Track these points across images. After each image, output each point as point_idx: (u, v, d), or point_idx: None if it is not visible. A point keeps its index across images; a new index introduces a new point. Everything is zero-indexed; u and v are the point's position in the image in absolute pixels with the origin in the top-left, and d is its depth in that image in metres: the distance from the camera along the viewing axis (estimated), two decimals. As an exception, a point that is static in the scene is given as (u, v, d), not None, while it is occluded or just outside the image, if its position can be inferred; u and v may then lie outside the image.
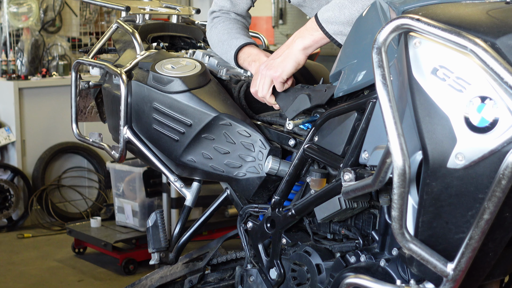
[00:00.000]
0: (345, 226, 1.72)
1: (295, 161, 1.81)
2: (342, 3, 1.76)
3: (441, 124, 1.25)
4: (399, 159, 1.22)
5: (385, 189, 1.53)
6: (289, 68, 1.84)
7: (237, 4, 2.22)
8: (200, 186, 2.10)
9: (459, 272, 1.26)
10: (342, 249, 1.70)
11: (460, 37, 1.19)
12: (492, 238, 1.30)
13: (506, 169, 1.17)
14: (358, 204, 1.62)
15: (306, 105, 1.82)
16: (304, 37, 1.83)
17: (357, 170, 1.52)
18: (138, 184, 4.19)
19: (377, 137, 1.50)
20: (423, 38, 1.29)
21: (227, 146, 1.95)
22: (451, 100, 1.24)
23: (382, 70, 1.27)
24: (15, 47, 5.43)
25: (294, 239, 1.85)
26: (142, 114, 2.07)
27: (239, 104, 2.05)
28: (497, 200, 1.18)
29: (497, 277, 1.50)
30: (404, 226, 1.28)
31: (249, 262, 1.97)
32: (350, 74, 1.62)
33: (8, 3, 5.33)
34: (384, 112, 1.25)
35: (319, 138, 1.73)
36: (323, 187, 1.71)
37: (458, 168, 1.24)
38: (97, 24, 6.04)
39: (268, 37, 3.53)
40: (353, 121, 1.61)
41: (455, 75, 1.25)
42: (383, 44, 1.27)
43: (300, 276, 1.81)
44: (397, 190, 1.24)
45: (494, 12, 1.30)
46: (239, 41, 2.09)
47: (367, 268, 1.55)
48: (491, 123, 1.21)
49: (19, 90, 5.03)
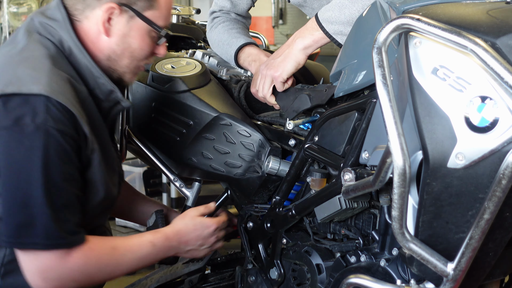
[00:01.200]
0: (345, 226, 1.72)
1: (295, 161, 1.81)
2: (342, 3, 1.76)
3: (442, 124, 1.25)
4: (399, 159, 1.22)
5: (385, 189, 1.53)
6: (289, 68, 1.85)
7: (237, 4, 2.23)
8: (200, 186, 2.10)
9: (459, 272, 1.26)
10: (342, 249, 1.70)
11: (460, 37, 1.19)
12: (492, 238, 1.30)
13: (507, 169, 1.17)
14: (358, 204, 1.62)
15: (306, 105, 1.82)
16: (304, 37, 1.83)
17: (357, 170, 1.52)
18: (138, 184, 4.19)
19: (377, 137, 1.50)
20: (423, 38, 1.29)
21: (227, 146, 1.95)
22: (452, 100, 1.24)
23: (382, 70, 1.27)
24: (15, 47, 5.43)
25: (294, 239, 1.85)
26: (142, 114, 2.07)
27: (239, 104, 2.05)
28: (497, 200, 1.18)
29: (497, 277, 1.50)
30: (404, 226, 1.28)
31: (249, 262, 1.97)
32: (350, 74, 1.62)
33: (8, 3, 5.33)
34: (384, 112, 1.25)
35: (319, 138, 1.73)
36: (323, 187, 1.71)
37: (459, 168, 1.24)
38: (97, 24, 6.04)
39: (268, 37, 3.53)
40: (353, 121, 1.61)
41: (456, 75, 1.25)
42: (383, 44, 1.27)
43: (300, 276, 1.81)
44: (397, 190, 1.24)
45: (495, 12, 1.30)
46: (239, 41, 2.09)
47: (367, 268, 1.55)
48: (491, 123, 1.21)
49: (19, 90, 5.03)
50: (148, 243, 1.73)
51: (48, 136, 1.44)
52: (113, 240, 1.71)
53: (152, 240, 1.74)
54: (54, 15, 1.63)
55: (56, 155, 1.45)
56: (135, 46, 1.67)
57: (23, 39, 1.60)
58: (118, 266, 1.65)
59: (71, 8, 1.64)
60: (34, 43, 1.58)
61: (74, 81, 1.56)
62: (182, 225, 1.83)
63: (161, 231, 1.80)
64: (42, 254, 1.48)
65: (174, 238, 1.79)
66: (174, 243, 1.79)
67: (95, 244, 1.59)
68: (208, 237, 1.87)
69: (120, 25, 1.64)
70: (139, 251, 1.70)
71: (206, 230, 1.86)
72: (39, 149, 1.43)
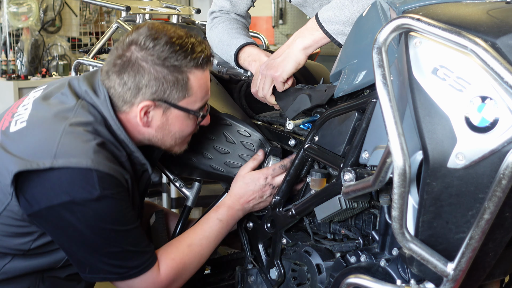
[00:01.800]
0: (345, 226, 1.72)
1: (296, 161, 1.81)
2: (342, 3, 1.76)
3: (442, 124, 1.25)
4: (399, 159, 1.22)
5: (385, 189, 1.52)
6: (289, 68, 1.84)
7: (237, 5, 2.22)
8: (200, 186, 2.10)
9: (460, 272, 1.26)
10: (342, 249, 1.70)
11: (460, 37, 1.19)
12: (493, 238, 1.30)
13: (507, 169, 1.16)
14: (358, 204, 1.62)
15: (306, 105, 1.82)
16: (304, 36, 1.83)
17: (357, 170, 1.52)
18: (138, 184, 4.18)
19: (377, 137, 1.50)
20: (423, 38, 1.29)
21: (227, 146, 1.95)
22: (452, 100, 1.24)
23: (382, 70, 1.27)
24: (15, 47, 5.43)
25: (294, 239, 1.85)
26: (142, 114, 2.07)
27: (239, 104, 2.05)
28: (498, 200, 1.18)
29: (497, 277, 1.50)
30: (405, 226, 1.28)
31: (249, 262, 1.97)
32: (351, 74, 1.62)
33: (8, 3, 5.33)
34: (384, 111, 1.25)
35: (319, 138, 1.73)
36: (323, 187, 1.71)
37: (459, 168, 1.24)
38: (97, 24, 6.04)
39: (268, 37, 3.53)
40: (353, 121, 1.61)
41: (456, 75, 1.25)
42: (383, 44, 1.27)
43: (300, 276, 1.81)
44: (398, 190, 1.24)
45: (495, 12, 1.30)
46: (239, 41, 2.09)
47: (367, 268, 1.55)
48: (491, 123, 1.21)
49: (19, 90, 5.03)
50: (216, 221, 1.87)
51: (108, 200, 1.62)
52: (185, 238, 1.84)
53: (218, 217, 1.88)
54: (98, 93, 1.71)
55: (120, 211, 1.66)
56: (176, 130, 1.77)
57: (71, 100, 1.70)
58: (201, 257, 1.84)
59: (112, 97, 1.71)
60: (82, 109, 1.68)
61: (114, 148, 1.69)
62: (237, 188, 1.91)
63: (221, 204, 1.91)
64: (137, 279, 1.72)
65: (235, 204, 1.90)
66: (237, 207, 1.90)
67: (172, 252, 1.78)
68: (263, 188, 1.90)
69: (157, 117, 1.73)
70: (211, 233, 1.86)
71: (257, 183, 1.89)
72: (108, 212, 1.63)
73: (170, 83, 1.68)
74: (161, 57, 1.66)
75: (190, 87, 1.70)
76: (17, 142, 1.66)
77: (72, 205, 1.60)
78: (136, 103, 1.70)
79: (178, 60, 1.67)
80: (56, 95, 1.75)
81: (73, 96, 1.71)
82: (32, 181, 1.61)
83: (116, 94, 1.70)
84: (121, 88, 1.69)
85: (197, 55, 1.69)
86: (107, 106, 1.70)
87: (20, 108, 1.76)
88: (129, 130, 1.75)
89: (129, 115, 1.72)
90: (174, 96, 1.70)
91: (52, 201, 1.60)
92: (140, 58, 1.66)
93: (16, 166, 1.59)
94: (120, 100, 1.71)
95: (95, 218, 1.62)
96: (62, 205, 1.60)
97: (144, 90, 1.68)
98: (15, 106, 1.80)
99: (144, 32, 1.68)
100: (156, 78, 1.66)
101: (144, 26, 1.71)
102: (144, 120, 1.72)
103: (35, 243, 1.72)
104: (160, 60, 1.66)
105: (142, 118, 1.71)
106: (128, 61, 1.67)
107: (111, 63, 1.70)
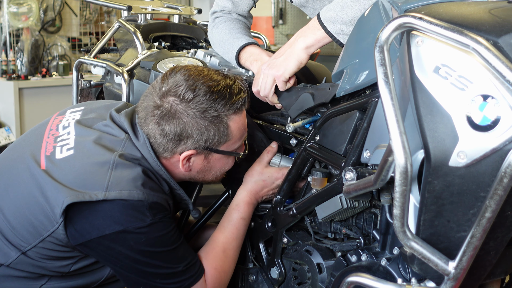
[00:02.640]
0: (346, 225, 1.72)
1: (297, 160, 1.81)
2: (344, 3, 1.76)
3: (443, 123, 1.25)
4: (401, 157, 1.22)
5: (386, 188, 1.53)
6: (291, 67, 1.84)
7: (239, 5, 2.23)
8: (200, 186, 2.10)
9: (461, 270, 1.26)
10: (343, 248, 1.70)
11: (462, 36, 1.19)
12: (494, 237, 1.30)
13: (508, 167, 1.17)
14: (359, 203, 1.62)
15: (309, 103, 1.81)
16: (306, 36, 1.83)
17: (358, 169, 1.52)
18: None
19: (379, 136, 1.50)
20: (425, 36, 1.29)
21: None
22: (453, 98, 1.25)
23: (384, 69, 1.27)
24: (15, 47, 5.43)
25: (295, 238, 1.86)
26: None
27: (241, 103, 2.05)
28: (499, 198, 1.18)
29: (498, 276, 1.50)
30: (406, 225, 1.28)
31: (249, 261, 1.97)
32: (352, 74, 1.62)
33: (8, 3, 5.33)
34: (386, 110, 1.25)
35: (320, 137, 1.73)
36: (324, 186, 1.71)
37: (460, 167, 1.24)
38: (97, 24, 6.04)
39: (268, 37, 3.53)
40: (354, 120, 1.61)
41: (457, 73, 1.25)
42: (385, 43, 1.27)
43: (301, 275, 1.81)
44: (399, 188, 1.24)
45: (496, 11, 1.31)
46: (240, 40, 2.09)
47: (368, 267, 1.55)
48: (493, 121, 1.21)
49: (19, 90, 5.03)
50: (240, 221, 1.92)
51: (158, 224, 1.68)
52: (218, 244, 1.88)
53: (241, 216, 1.92)
54: (138, 136, 1.74)
55: (168, 232, 1.71)
56: (216, 168, 1.84)
57: (118, 133, 1.75)
58: (235, 259, 1.91)
59: (152, 144, 1.73)
60: (129, 143, 1.73)
61: (157, 181, 1.74)
62: (254, 185, 1.95)
63: (240, 202, 1.94)
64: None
65: (252, 200, 1.95)
66: (254, 202, 1.96)
67: (213, 261, 1.83)
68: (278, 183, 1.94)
69: (199, 162, 1.79)
70: (239, 234, 1.92)
71: (275, 181, 1.93)
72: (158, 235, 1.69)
73: (211, 133, 1.71)
74: (201, 109, 1.68)
75: (230, 133, 1.74)
76: (65, 171, 1.67)
77: (125, 234, 1.64)
78: (178, 152, 1.73)
79: (218, 110, 1.70)
80: (98, 124, 1.77)
81: (119, 129, 1.74)
82: (83, 212, 1.63)
83: (156, 142, 1.73)
84: (161, 138, 1.71)
85: (235, 100, 1.72)
86: (148, 149, 1.72)
87: (61, 130, 1.77)
88: (170, 171, 1.78)
89: (170, 161, 1.76)
90: (215, 143, 1.74)
91: (104, 231, 1.63)
92: (179, 111, 1.68)
93: (68, 197, 1.61)
94: (160, 148, 1.73)
95: (146, 243, 1.67)
96: (114, 234, 1.63)
97: (186, 141, 1.71)
98: (54, 125, 1.81)
99: (182, 82, 1.69)
100: (198, 129, 1.70)
101: (179, 73, 1.72)
102: (186, 166, 1.77)
103: (74, 266, 1.75)
104: (200, 112, 1.68)
105: (184, 164, 1.76)
106: (168, 112, 1.69)
107: (149, 111, 1.71)
